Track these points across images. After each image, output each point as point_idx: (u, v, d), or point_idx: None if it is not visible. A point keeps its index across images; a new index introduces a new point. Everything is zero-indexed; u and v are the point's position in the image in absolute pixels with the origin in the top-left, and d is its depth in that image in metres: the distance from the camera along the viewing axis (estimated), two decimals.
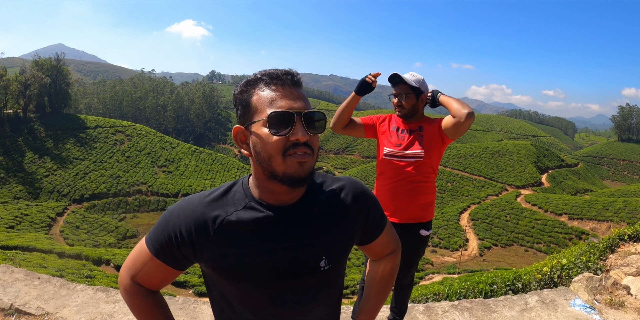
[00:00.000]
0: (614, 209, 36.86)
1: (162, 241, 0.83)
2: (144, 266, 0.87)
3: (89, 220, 37.76)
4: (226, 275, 0.83)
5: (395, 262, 1.07)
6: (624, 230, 3.61)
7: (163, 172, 51.21)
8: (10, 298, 2.36)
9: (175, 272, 0.87)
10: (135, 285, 0.89)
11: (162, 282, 0.90)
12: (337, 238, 0.88)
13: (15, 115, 53.49)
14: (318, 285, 0.87)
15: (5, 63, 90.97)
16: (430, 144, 2.06)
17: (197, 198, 0.85)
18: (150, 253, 0.85)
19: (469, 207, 44.51)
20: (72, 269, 17.55)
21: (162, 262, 0.85)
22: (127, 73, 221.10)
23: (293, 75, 0.82)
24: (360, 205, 0.92)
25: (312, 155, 0.80)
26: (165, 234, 0.83)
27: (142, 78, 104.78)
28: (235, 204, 0.84)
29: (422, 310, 2.51)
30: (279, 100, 0.78)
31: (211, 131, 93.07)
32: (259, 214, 0.82)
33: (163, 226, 0.83)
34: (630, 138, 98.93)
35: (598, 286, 2.66)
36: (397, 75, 2.05)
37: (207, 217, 0.82)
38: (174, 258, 0.84)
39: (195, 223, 0.81)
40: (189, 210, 0.83)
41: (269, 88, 0.80)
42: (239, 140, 0.84)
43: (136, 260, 0.88)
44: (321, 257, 0.85)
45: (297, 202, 0.85)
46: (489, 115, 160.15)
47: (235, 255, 0.81)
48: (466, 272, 23.76)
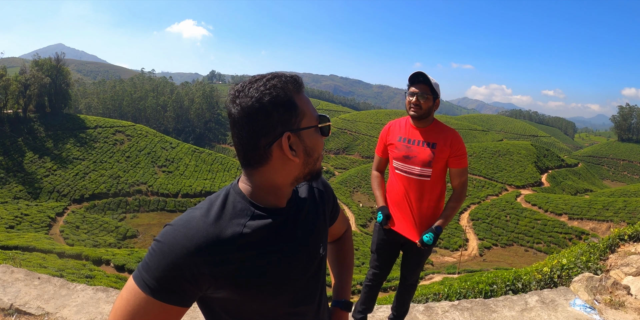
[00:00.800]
0: (614, 209, 36.86)
1: (166, 279, 0.71)
2: (145, 316, 0.72)
3: (89, 220, 37.75)
4: (249, 290, 0.78)
5: (350, 238, 1.20)
6: (624, 230, 3.61)
7: (163, 172, 51.20)
8: (10, 298, 2.36)
9: (182, 311, 0.76)
10: None
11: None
12: (325, 223, 0.96)
13: (15, 115, 53.49)
14: (320, 272, 0.93)
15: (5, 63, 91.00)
16: (438, 164, 2.03)
17: (198, 221, 0.75)
18: (149, 297, 0.71)
19: (469, 207, 44.52)
20: (72, 269, 17.55)
21: (167, 303, 0.72)
22: (127, 73, 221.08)
23: (301, 82, 0.84)
24: (328, 191, 1.01)
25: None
26: (172, 269, 0.71)
27: (142, 78, 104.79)
28: (241, 215, 0.79)
29: (422, 310, 2.51)
30: (311, 106, 0.82)
31: (211, 131, 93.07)
32: (267, 220, 0.81)
33: (165, 262, 0.71)
34: (630, 138, 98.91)
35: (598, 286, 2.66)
36: (423, 74, 1.98)
37: (222, 237, 0.75)
38: (183, 294, 0.73)
39: (209, 246, 0.73)
40: (196, 235, 0.73)
41: (300, 92, 0.80)
42: (292, 148, 0.79)
43: (130, 310, 0.72)
44: (319, 244, 0.91)
45: (290, 201, 0.88)
46: (489, 115, 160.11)
47: (256, 264, 0.78)
48: (466, 272, 23.76)
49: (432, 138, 2.03)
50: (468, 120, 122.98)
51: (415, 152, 2.02)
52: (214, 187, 48.12)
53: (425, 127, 2.07)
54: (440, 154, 2.01)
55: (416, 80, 2.00)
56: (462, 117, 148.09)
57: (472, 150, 62.70)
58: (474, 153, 61.59)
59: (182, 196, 45.77)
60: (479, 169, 57.05)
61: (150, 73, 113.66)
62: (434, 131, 2.06)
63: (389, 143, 2.13)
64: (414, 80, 2.00)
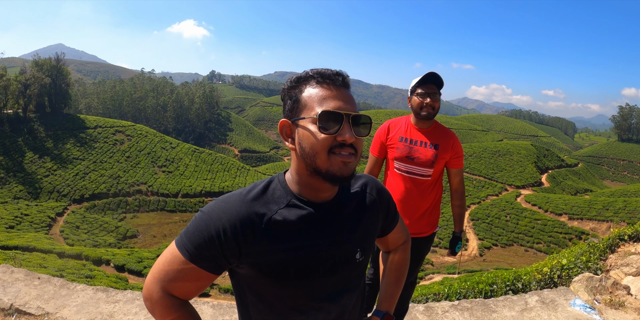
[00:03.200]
0: (614, 209, 36.84)
1: (201, 245, 0.79)
2: (178, 274, 0.82)
3: (89, 220, 37.74)
4: (271, 275, 0.82)
5: (407, 252, 1.15)
6: (624, 230, 3.61)
7: (163, 172, 51.19)
8: (10, 298, 2.36)
9: (213, 277, 0.83)
10: (167, 297, 0.83)
11: (198, 290, 0.85)
12: (369, 230, 0.94)
13: (15, 115, 53.47)
14: (352, 276, 0.92)
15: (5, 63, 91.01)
16: (439, 165, 2.06)
17: (237, 197, 0.83)
18: (185, 259, 0.80)
19: (469, 207, 44.48)
20: (72, 269, 17.55)
21: (200, 268, 0.81)
22: (127, 73, 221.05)
23: (344, 76, 0.83)
24: (382, 199, 0.98)
25: (355, 156, 0.82)
26: (206, 237, 0.79)
27: (142, 78, 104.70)
28: (277, 201, 0.84)
29: (422, 310, 2.51)
30: (329, 100, 0.80)
31: (211, 131, 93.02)
32: (302, 211, 0.83)
33: (202, 229, 0.79)
34: (630, 138, 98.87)
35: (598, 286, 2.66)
36: (436, 75, 1.98)
37: (253, 215, 0.80)
38: (215, 262, 0.81)
39: (241, 222, 0.79)
40: (231, 210, 0.80)
41: (321, 86, 0.81)
42: (284, 134, 0.85)
43: (167, 268, 0.82)
44: (357, 249, 0.90)
45: (334, 198, 0.88)
46: (489, 115, 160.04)
47: (281, 253, 0.81)
48: (466, 272, 23.74)
49: (435, 139, 2.05)
50: (468, 120, 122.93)
51: (418, 152, 2.03)
52: (214, 187, 48.10)
53: (428, 128, 2.08)
54: (443, 155, 2.04)
55: (429, 80, 1.98)
56: (462, 117, 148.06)
57: (472, 150, 62.68)
58: (474, 153, 61.57)
59: (182, 196, 45.76)
60: (479, 169, 57.02)
61: (150, 73, 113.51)
62: (436, 132, 2.08)
63: (390, 143, 2.12)
64: (428, 80, 1.98)
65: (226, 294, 20.25)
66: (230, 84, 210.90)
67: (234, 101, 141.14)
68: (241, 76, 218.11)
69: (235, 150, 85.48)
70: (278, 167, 66.40)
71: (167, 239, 35.72)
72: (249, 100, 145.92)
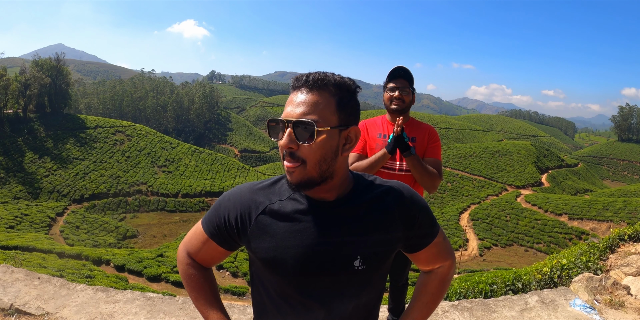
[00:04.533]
0: (614, 209, 36.86)
1: (214, 223, 0.91)
2: (199, 244, 0.96)
3: (89, 220, 37.76)
4: (262, 261, 0.88)
5: (444, 276, 1.03)
6: (624, 230, 3.60)
7: (163, 172, 51.21)
8: (10, 298, 2.36)
9: (226, 252, 0.95)
10: (190, 259, 0.98)
11: (213, 259, 0.98)
12: (376, 239, 0.87)
13: (15, 115, 53.50)
14: (350, 284, 0.87)
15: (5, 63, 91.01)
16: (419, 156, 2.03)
17: (248, 185, 0.92)
18: (204, 233, 0.94)
19: (469, 207, 44.51)
20: (72, 269, 17.57)
21: (214, 242, 0.93)
22: (127, 73, 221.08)
23: (308, 77, 0.82)
24: (406, 210, 0.90)
25: (303, 166, 0.80)
26: (217, 218, 0.91)
27: (142, 78, 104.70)
28: (280, 194, 0.89)
29: None
30: (287, 106, 0.82)
31: (211, 131, 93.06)
32: (300, 205, 0.86)
33: (216, 209, 0.92)
34: (630, 138, 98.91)
35: (598, 286, 2.66)
36: (404, 69, 1.99)
37: (253, 203, 0.88)
38: (225, 239, 0.92)
39: (242, 208, 0.88)
40: (239, 195, 0.90)
41: (292, 92, 0.84)
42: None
43: (192, 238, 0.97)
44: (356, 256, 0.85)
45: (339, 199, 0.87)
46: (489, 115, 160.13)
47: (271, 243, 0.85)
48: (466, 272, 23.75)
49: (411, 133, 2.04)
50: (468, 120, 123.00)
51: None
52: (214, 187, 48.10)
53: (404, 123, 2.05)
54: (420, 147, 2.04)
55: (397, 74, 2.00)
56: (462, 117, 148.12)
57: (472, 150, 62.69)
58: (474, 153, 61.58)
59: (182, 196, 45.77)
60: (479, 169, 57.02)
61: (150, 73, 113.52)
62: (412, 126, 2.08)
63: (369, 142, 2.09)
64: (395, 74, 2.01)
65: (226, 294, 20.25)
66: (230, 84, 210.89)
67: (234, 101, 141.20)
68: (241, 76, 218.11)
69: (235, 150, 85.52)
70: (278, 167, 66.41)
71: (167, 239, 35.72)
72: (249, 100, 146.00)
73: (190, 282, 0.98)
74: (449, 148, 64.85)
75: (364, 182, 0.91)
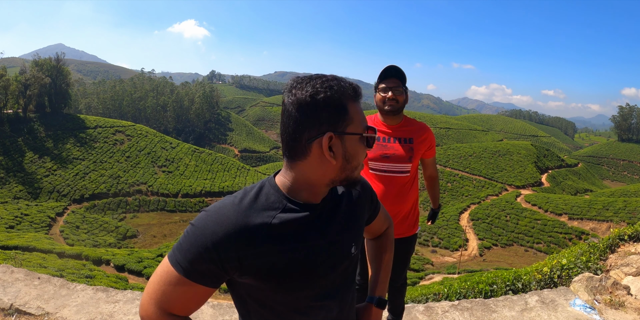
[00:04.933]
0: (614, 209, 36.85)
1: (196, 260, 0.76)
2: (175, 292, 0.78)
3: (89, 220, 37.75)
4: (273, 281, 0.80)
5: (391, 235, 1.19)
6: (624, 230, 3.60)
7: (163, 172, 51.19)
8: (10, 298, 2.36)
9: (211, 291, 0.81)
10: (166, 316, 0.80)
11: (197, 305, 0.82)
12: (359, 224, 0.97)
13: (15, 115, 53.47)
14: (349, 271, 0.94)
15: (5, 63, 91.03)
16: (416, 159, 2.01)
17: (230, 208, 0.79)
18: (181, 276, 0.77)
19: (469, 207, 44.51)
20: (72, 269, 17.56)
21: (197, 283, 0.78)
22: (127, 73, 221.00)
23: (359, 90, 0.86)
24: (365, 190, 1.01)
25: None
26: (202, 252, 0.76)
27: (142, 78, 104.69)
28: (273, 207, 0.81)
29: (422, 310, 2.51)
30: (364, 118, 0.85)
31: (211, 131, 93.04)
32: (299, 214, 0.83)
33: (197, 244, 0.76)
34: (630, 138, 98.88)
35: (598, 286, 2.66)
36: (396, 68, 1.91)
37: (251, 226, 0.78)
38: (213, 276, 0.78)
39: (238, 234, 0.76)
40: (227, 221, 0.77)
41: (356, 102, 0.83)
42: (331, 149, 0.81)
43: (163, 287, 0.79)
44: (352, 244, 0.92)
45: (325, 199, 0.89)
46: (489, 115, 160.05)
47: (285, 259, 0.80)
48: (466, 272, 23.75)
49: (408, 133, 2.00)
50: (468, 120, 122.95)
51: (393, 149, 1.96)
52: (214, 187, 48.09)
53: (398, 123, 2.01)
54: (419, 148, 2.00)
55: (389, 74, 1.91)
56: (462, 117, 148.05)
57: (472, 150, 62.68)
58: (474, 153, 61.56)
59: (182, 196, 45.75)
60: (479, 169, 57.00)
61: (150, 73, 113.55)
62: (407, 127, 2.02)
63: None
64: (387, 74, 1.92)
65: (226, 294, 20.24)
66: (230, 84, 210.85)
67: (234, 101, 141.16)
68: (241, 76, 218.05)
69: (235, 150, 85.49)
70: (278, 167, 65.79)
71: (167, 239, 35.73)
72: (249, 100, 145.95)
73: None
74: (449, 148, 64.81)
75: None
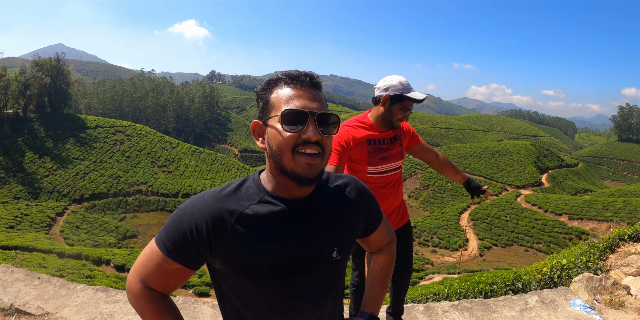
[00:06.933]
0: (614, 209, 36.83)
1: (176, 240, 0.82)
2: (157, 269, 0.85)
3: (89, 220, 37.75)
4: (241, 272, 0.83)
5: (392, 251, 1.14)
6: (624, 230, 3.60)
7: (163, 172, 51.19)
8: (10, 298, 2.36)
9: (189, 272, 0.86)
10: (147, 290, 0.86)
11: (175, 284, 0.88)
12: (347, 230, 0.93)
13: (15, 115, 53.47)
14: (329, 276, 0.91)
15: (5, 63, 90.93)
16: (404, 153, 2.16)
17: (210, 194, 0.85)
18: (162, 254, 0.83)
19: (469, 207, 44.47)
20: (72, 269, 17.55)
21: (176, 262, 0.83)
22: (127, 73, 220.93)
23: (312, 77, 0.85)
24: (362, 199, 0.98)
25: (322, 156, 0.83)
26: (180, 233, 0.81)
27: (142, 78, 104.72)
28: (250, 198, 0.85)
29: (422, 310, 2.51)
30: (295, 99, 0.82)
31: (211, 131, 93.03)
32: (274, 207, 0.84)
33: (176, 225, 0.82)
34: (630, 138, 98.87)
35: (598, 286, 2.66)
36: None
37: (224, 212, 0.82)
38: (189, 257, 0.83)
39: (211, 219, 0.80)
40: (204, 206, 0.82)
41: (288, 87, 0.83)
42: (256, 134, 0.87)
43: (147, 263, 0.85)
44: (333, 248, 0.89)
45: (309, 196, 0.88)
46: (489, 115, 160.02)
47: (252, 251, 0.81)
48: (466, 272, 23.74)
49: (394, 132, 2.10)
50: (468, 120, 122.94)
51: (389, 150, 2.06)
52: (214, 187, 47.97)
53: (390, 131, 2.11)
54: (404, 143, 2.16)
55: (419, 101, 1.96)
56: (462, 117, 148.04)
57: (472, 150, 62.67)
58: (474, 153, 61.56)
59: (182, 196, 45.74)
60: (479, 169, 57.01)
61: (150, 73, 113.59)
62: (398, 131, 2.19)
63: (360, 150, 1.99)
64: (418, 101, 1.96)
65: None
66: (230, 84, 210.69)
67: (234, 101, 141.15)
68: (241, 76, 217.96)
69: (235, 150, 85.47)
70: None
71: None
72: (249, 100, 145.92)
73: (154, 317, 0.87)
74: (449, 148, 64.79)
75: (322, 177, 0.95)
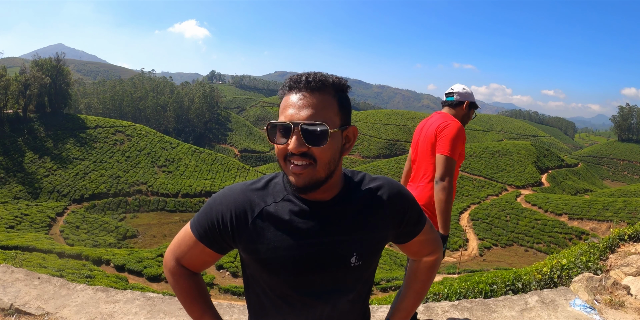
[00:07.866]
0: (614, 209, 36.83)
1: (205, 226, 0.88)
2: (188, 249, 0.92)
3: (89, 220, 37.73)
4: (258, 263, 0.87)
5: (433, 262, 1.07)
6: (624, 230, 3.60)
7: (163, 172, 51.17)
8: (10, 298, 2.36)
9: (217, 255, 0.93)
10: (179, 267, 0.95)
11: (204, 264, 0.95)
12: (370, 236, 0.90)
13: (15, 115, 53.45)
14: (347, 280, 0.90)
15: (5, 63, 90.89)
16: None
17: (240, 186, 0.90)
18: (194, 237, 0.90)
19: (469, 207, 44.49)
20: (72, 269, 17.56)
21: (205, 245, 0.90)
22: (127, 73, 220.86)
23: (308, 78, 0.80)
24: (395, 204, 0.92)
25: (313, 166, 0.80)
26: (209, 220, 0.87)
27: (142, 78, 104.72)
28: (275, 195, 0.88)
29: (422, 310, 2.51)
30: (287, 109, 0.80)
31: (211, 131, 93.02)
32: (295, 207, 0.86)
33: (207, 212, 0.88)
34: (630, 138, 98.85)
35: (598, 286, 2.66)
36: None
37: (248, 205, 0.86)
38: (216, 242, 0.89)
39: (236, 210, 0.86)
40: (231, 197, 0.87)
41: (289, 93, 0.82)
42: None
43: (181, 243, 0.94)
44: (352, 253, 0.87)
45: (333, 198, 0.87)
46: (489, 115, 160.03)
47: (268, 246, 0.85)
48: (466, 272, 23.71)
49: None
50: None
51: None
52: (214, 187, 48.07)
53: None
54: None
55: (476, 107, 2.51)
56: None
57: (472, 150, 62.66)
58: (474, 153, 61.54)
59: (182, 196, 45.75)
60: (479, 169, 56.99)
61: (150, 73, 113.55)
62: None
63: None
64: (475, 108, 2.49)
65: (226, 294, 20.25)
66: (230, 84, 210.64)
67: (234, 101, 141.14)
68: (241, 76, 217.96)
69: (235, 150, 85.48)
70: (278, 168, 66.21)
71: (167, 239, 35.70)
72: (249, 100, 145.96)
73: (183, 292, 0.96)
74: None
75: (355, 179, 0.93)
